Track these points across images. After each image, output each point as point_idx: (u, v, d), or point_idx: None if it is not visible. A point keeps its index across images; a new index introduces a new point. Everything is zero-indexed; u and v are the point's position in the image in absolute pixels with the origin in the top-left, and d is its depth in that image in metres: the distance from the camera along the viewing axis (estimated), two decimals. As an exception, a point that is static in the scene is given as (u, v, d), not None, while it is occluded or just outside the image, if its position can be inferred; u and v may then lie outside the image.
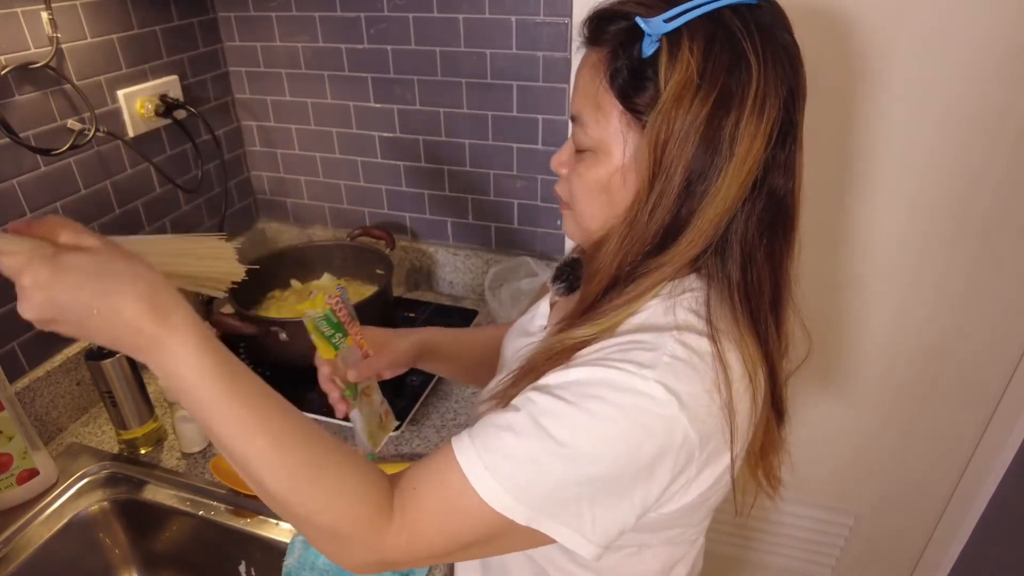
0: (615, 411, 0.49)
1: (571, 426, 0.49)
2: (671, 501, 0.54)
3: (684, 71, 0.48)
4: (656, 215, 0.52)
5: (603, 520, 0.50)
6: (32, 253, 0.44)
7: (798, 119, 0.52)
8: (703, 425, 0.50)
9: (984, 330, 1.14)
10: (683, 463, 0.51)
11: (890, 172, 1.06)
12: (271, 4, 1.19)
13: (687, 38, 0.49)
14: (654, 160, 0.51)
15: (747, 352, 0.53)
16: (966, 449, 1.27)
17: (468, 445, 0.51)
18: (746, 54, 0.49)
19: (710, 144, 0.50)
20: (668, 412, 0.48)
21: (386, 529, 0.51)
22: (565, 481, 0.49)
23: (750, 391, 0.54)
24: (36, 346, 0.97)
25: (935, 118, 1.00)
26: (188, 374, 0.48)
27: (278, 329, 1.02)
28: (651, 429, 0.49)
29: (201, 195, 1.25)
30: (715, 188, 0.50)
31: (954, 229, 1.07)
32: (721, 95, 0.49)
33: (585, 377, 0.51)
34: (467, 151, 1.21)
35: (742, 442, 0.55)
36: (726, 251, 0.54)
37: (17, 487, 0.86)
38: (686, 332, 0.52)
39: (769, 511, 1.47)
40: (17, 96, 0.89)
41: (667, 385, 0.49)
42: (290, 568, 0.76)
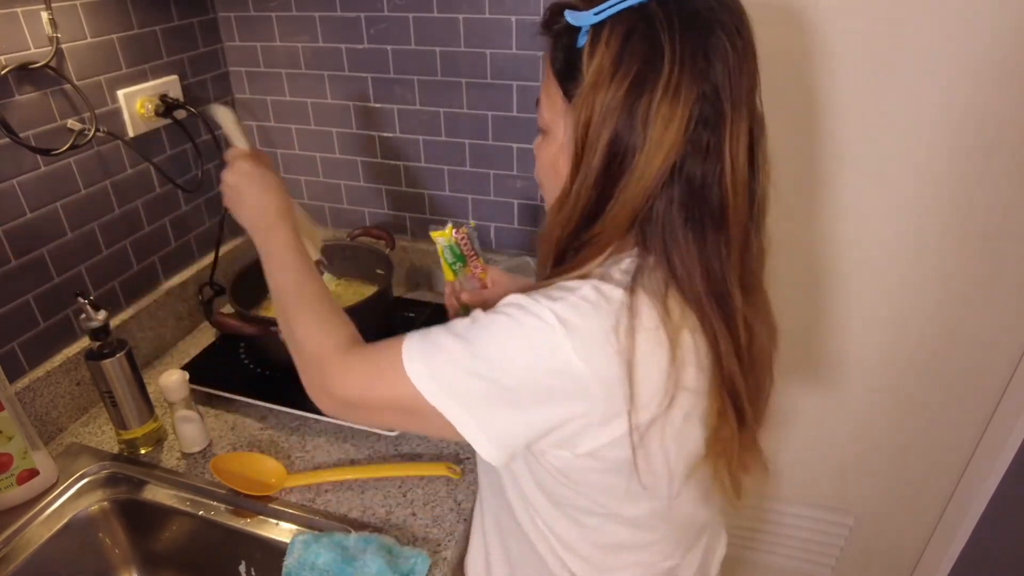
0: (512, 324, 0.56)
1: (481, 330, 0.57)
2: (580, 441, 0.58)
3: (601, 58, 0.53)
4: (583, 192, 0.57)
5: (497, 421, 0.57)
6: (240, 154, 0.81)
7: (725, 109, 0.53)
8: (596, 362, 0.54)
9: (984, 330, 1.14)
10: (580, 398, 0.55)
11: (890, 173, 1.06)
12: (271, 4, 1.19)
13: (609, 29, 0.53)
14: (578, 140, 0.56)
15: (667, 311, 0.56)
16: (966, 449, 1.27)
17: (417, 333, 0.61)
18: (661, 44, 0.52)
19: (625, 127, 0.53)
20: (553, 336, 0.54)
21: (335, 361, 0.65)
22: (467, 374, 0.56)
23: (665, 348, 0.55)
24: (36, 346, 0.97)
25: (935, 118, 1.00)
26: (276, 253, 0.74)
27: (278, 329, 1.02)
28: (537, 347, 0.54)
29: (201, 195, 1.25)
30: (631, 168, 0.54)
31: (954, 229, 1.07)
32: (635, 81, 0.52)
33: (509, 299, 0.58)
34: (467, 151, 1.21)
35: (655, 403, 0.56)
36: (651, 228, 0.57)
37: (17, 487, 0.86)
38: (605, 282, 0.56)
39: (769, 511, 1.47)
40: (17, 96, 0.89)
41: (558, 313, 0.54)
42: (290, 568, 0.76)
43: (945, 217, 1.06)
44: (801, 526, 1.47)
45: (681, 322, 0.56)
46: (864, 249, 1.13)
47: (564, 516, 0.68)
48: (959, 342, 1.16)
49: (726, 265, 0.57)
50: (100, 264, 1.06)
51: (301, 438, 0.99)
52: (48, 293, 0.97)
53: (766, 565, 1.56)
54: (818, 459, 1.37)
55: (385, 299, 1.15)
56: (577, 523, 0.68)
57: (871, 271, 1.15)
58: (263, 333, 1.03)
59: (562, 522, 0.69)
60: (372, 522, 0.85)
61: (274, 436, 1.00)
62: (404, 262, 1.34)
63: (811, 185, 1.10)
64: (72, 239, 1.00)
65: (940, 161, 1.02)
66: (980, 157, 1.00)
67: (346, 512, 0.87)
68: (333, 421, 1.00)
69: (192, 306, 1.24)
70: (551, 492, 0.66)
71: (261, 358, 1.12)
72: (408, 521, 0.85)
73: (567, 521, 0.68)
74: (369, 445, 0.98)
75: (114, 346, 0.90)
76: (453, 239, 0.86)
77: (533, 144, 0.66)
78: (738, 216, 0.56)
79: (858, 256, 1.14)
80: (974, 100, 0.97)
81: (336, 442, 0.98)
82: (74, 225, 1.00)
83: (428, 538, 0.83)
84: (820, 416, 1.32)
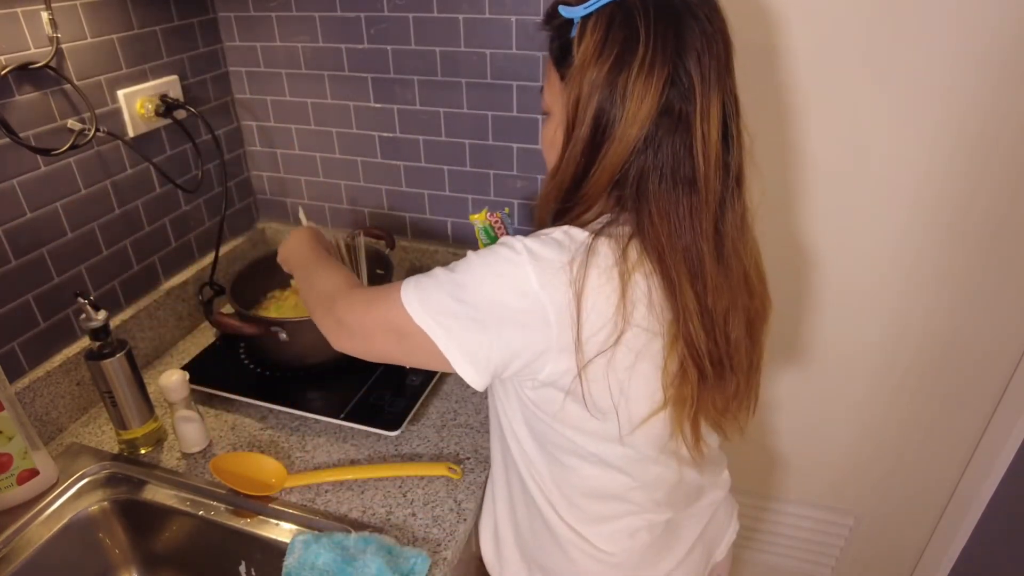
0: (490, 255, 0.65)
1: (466, 263, 0.66)
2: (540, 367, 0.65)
3: (587, 44, 0.62)
4: (572, 159, 0.65)
5: (472, 341, 0.64)
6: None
7: (695, 86, 0.61)
8: (551, 290, 0.61)
9: (984, 330, 1.14)
10: (539, 324, 0.62)
11: (891, 172, 1.06)
12: (271, 4, 1.19)
13: (594, 19, 0.62)
14: (569, 115, 0.65)
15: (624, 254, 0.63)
16: (966, 449, 1.27)
17: (412, 276, 0.69)
18: (638, 29, 0.60)
19: (607, 101, 0.62)
20: (518, 260, 0.62)
21: (344, 294, 0.74)
22: (450, 298, 0.64)
23: (615, 287, 0.62)
24: (36, 346, 0.97)
25: (935, 117, 1.00)
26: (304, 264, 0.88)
27: (278, 329, 1.02)
28: (504, 272, 0.63)
29: (201, 195, 1.25)
30: (612, 137, 0.62)
31: (955, 229, 1.07)
32: (615, 61, 0.61)
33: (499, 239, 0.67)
34: (467, 151, 1.21)
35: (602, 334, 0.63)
36: (626, 190, 0.65)
37: (17, 487, 0.86)
38: (574, 227, 0.65)
39: (770, 511, 1.47)
40: (17, 96, 0.89)
41: (527, 245, 0.63)
42: (290, 568, 0.76)
43: (945, 217, 1.06)
44: (801, 526, 1.47)
45: (636, 266, 0.63)
46: (864, 249, 1.13)
47: (548, 457, 0.75)
48: (959, 342, 1.16)
49: (697, 228, 0.63)
50: (100, 264, 1.06)
51: (301, 438, 0.99)
52: (48, 293, 0.97)
53: (766, 565, 1.56)
54: (818, 459, 1.37)
55: (385, 299, 1.15)
56: (560, 464, 0.75)
57: (871, 271, 1.15)
58: (263, 333, 1.03)
59: (547, 464, 0.75)
60: (372, 522, 0.85)
61: (274, 436, 1.00)
62: (404, 262, 1.34)
63: (810, 185, 1.10)
64: (72, 239, 1.00)
65: (940, 160, 1.02)
66: (980, 156, 1.00)
67: (346, 512, 0.87)
68: (333, 421, 1.00)
69: (192, 306, 1.24)
70: (534, 429, 0.74)
71: (261, 358, 1.12)
72: (408, 521, 0.85)
73: (551, 462, 0.75)
74: (369, 445, 0.98)
75: (114, 346, 0.90)
76: (487, 221, 0.92)
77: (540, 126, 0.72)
78: (709, 184, 0.63)
79: (858, 256, 1.14)
80: (974, 99, 0.97)
81: (336, 442, 0.98)
82: (74, 225, 1.00)
83: (428, 538, 0.83)
84: (820, 416, 1.32)
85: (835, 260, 1.16)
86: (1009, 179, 1.01)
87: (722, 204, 0.64)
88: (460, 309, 0.64)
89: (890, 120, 1.02)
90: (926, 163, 1.03)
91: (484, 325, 0.63)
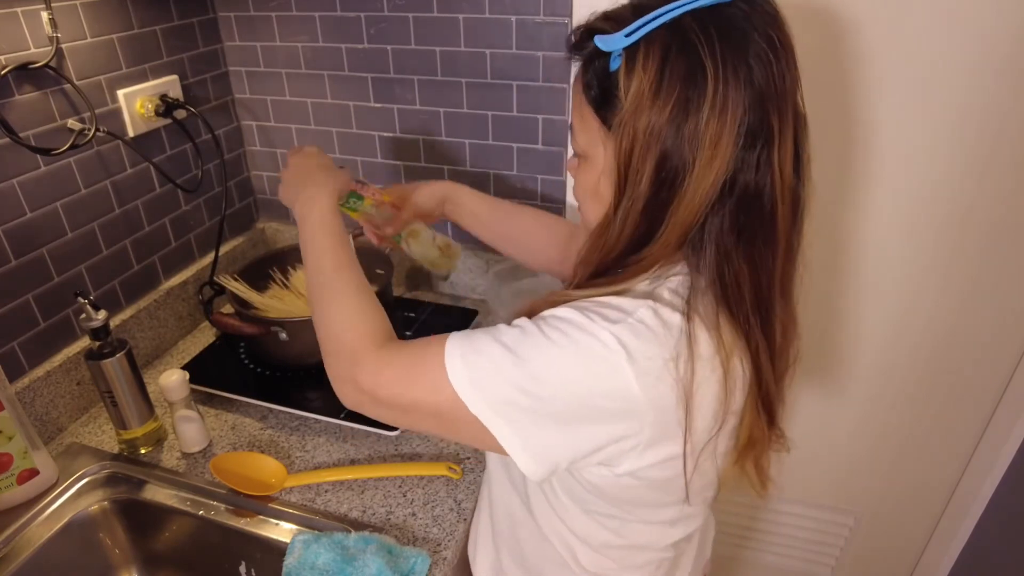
0: (568, 343, 0.54)
1: (532, 345, 0.55)
2: (622, 461, 0.57)
3: (640, 83, 0.51)
4: (630, 219, 0.55)
5: (542, 438, 0.56)
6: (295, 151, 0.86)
7: (772, 116, 0.52)
8: (654, 391, 0.53)
9: (984, 330, 1.14)
10: (631, 421, 0.54)
11: (891, 172, 1.06)
12: (271, 4, 1.19)
13: (643, 51, 0.51)
14: (621, 168, 0.54)
15: (720, 338, 0.55)
16: (966, 449, 1.27)
17: (459, 335, 0.59)
18: (702, 60, 0.50)
19: (673, 150, 0.52)
20: (614, 360, 0.52)
21: (370, 354, 0.62)
22: (515, 388, 0.55)
23: (718, 375, 0.55)
24: (36, 346, 0.97)
25: (936, 117, 1.00)
26: (314, 219, 0.75)
27: (278, 329, 1.02)
28: (595, 370, 0.53)
29: (201, 195, 1.25)
30: (682, 192, 0.53)
31: (955, 229, 1.07)
32: (678, 102, 0.51)
33: (561, 313, 0.56)
34: (467, 151, 1.21)
35: (707, 429, 0.57)
36: (703, 249, 0.56)
37: (17, 487, 0.86)
38: (661, 305, 0.55)
39: (769, 511, 1.47)
40: (17, 96, 0.89)
41: (620, 338, 0.53)
42: (290, 568, 0.76)
43: (945, 217, 1.06)
44: (801, 526, 1.47)
45: (732, 348, 0.56)
46: (864, 249, 1.13)
47: (590, 520, 0.68)
48: (959, 342, 1.16)
49: (772, 277, 0.56)
50: (100, 264, 1.06)
51: (301, 438, 0.99)
52: (48, 293, 0.97)
53: (766, 565, 1.56)
54: (818, 459, 1.37)
55: (385, 299, 1.15)
56: (603, 526, 0.67)
57: (871, 271, 1.15)
58: (263, 333, 1.03)
59: (586, 524, 0.68)
60: (372, 522, 0.85)
61: (274, 436, 1.00)
62: (404, 262, 1.34)
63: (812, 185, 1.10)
64: (72, 239, 1.00)
65: (940, 160, 1.02)
66: (980, 156, 1.00)
67: (346, 512, 0.87)
68: (333, 421, 1.00)
69: (192, 306, 1.24)
70: (580, 500, 0.66)
71: (261, 358, 1.12)
72: (408, 521, 0.85)
73: (591, 523, 0.68)
74: (369, 445, 0.98)
75: (114, 346, 0.90)
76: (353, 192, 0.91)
77: (568, 165, 0.65)
78: (785, 224, 0.55)
79: (858, 256, 1.14)
80: (974, 99, 0.97)
81: (336, 442, 0.98)
82: (74, 225, 1.00)
83: (428, 538, 0.83)
84: (820, 416, 1.32)
85: (835, 260, 1.15)
86: (1010, 179, 1.01)
87: (790, 246, 0.57)
88: (531, 403, 0.55)
89: (890, 121, 1.02)
90: (926, 164, 1.03)
91: (563, 423, 0.55)
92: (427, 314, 1.25)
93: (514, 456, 0.56)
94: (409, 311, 1.26)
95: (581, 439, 0.56)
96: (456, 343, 0.58)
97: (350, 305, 0.67)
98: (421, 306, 1.28)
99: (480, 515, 0.84)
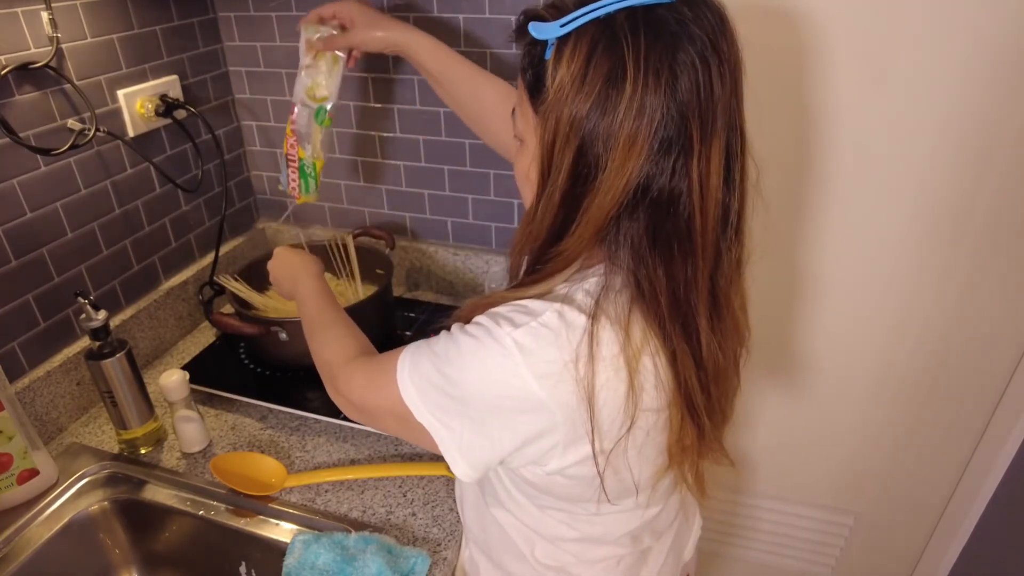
0: (476, 347, 0.57)
1: (454, 352, 0.59)
2: (548, 460, 0.59)
3: (564, 74, 0.51)
4: (548, 210, 0.57)
5: (469, 440, 0.59)
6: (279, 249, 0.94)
7: (692, 127, 0.51)
8: (556, 392, 0.55)
9: (984, 330, 1.14)
10: (542, 421, 0.56)
11: (891, 172, 1.06)
12: (271, 4, 1.19)
13: (573, 43, 0.51)
14: (544, 157, 0.55)
15: (629, 340, 0.55)
16: (966, 449, 1.27)
17: (413, 346, 0.63)
18: (625, 60, 0.49)
19: (589, 145, 0.52)
20: (510, 363, 0.55)
21: (344, 368, 0.70)
22: (443, 394, 0.59)
23: (623, 376, 0.55)
24: (36, 346, 0.97)
25: (936, 118, 1.00)
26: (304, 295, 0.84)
27: (278, 329, 1.02)
28: (496, 374, 0.56)
29: (201, 195, 1.25)
30: (595, 188, 0.53)
31: (955, 229, 1.07)
32: (598, 98, 0.50)
33: (478, 319, 0.59)
34: (467, 151, 1.21)
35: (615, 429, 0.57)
36: (618, 249, 0.56)
37: (17, 487, 0.86)
38: (567, 306, 0.56)
39: (769, 511, 1.47)
40: (17, 96, 0.89)
41: (517, 340, 0.55)
42: (290, 568, 0.76)
43: (944, 217, 1.06)
44: (801, 526, 1.47)
45: (642, 346, 0.56)
46: (863, 249, 1.13)
47: (543, 513, 0.71)
48: (959, 342, 1.16)
49: (691, 286, 0.55)
50: (100, 264, 1.06)
51: (301, 438, 0.99)
52: (48, 293, 0.97)
53: (766, 564, 1.56)
54: (818, 459, 1.37)
55: (385, 299, 1.15)
56: (554, 519, 0.70)
57: (870, 271, 1.15)
58: (263, 333, 1.03)
59: (539, 517, 0.71)
60: (372, 522, 0.85)
61: (274, 436, 1.00)
62: (404, 262, 1.34)
63: (808, 185, 1.10)
64: (72, 239, 1.00)
65: (939, 161, 1.02)
66: (979, 157, 1.00)
67: (346, 512, 0.87)
68: (333, 421, 1.00)
69: (192, 306, 1.24)
70: (529, 495, 0.70)
71: (261, 358, 1.12)
72: (408, 521, 0.85)
73: (543, 516, 0.71)
74: (369, 445, 0.98)
75: (114, 346, 0.90)
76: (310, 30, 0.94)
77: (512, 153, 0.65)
78: (707, 236, 0.54)
79: (857, 256, 1.14)
80: (974, 99, 0.97)
81: (336, 442, 0.98)
82: (74, 225, 1.00)
83: (428, 538, 0.83)
84: (820, 416, 1.32)
85: (834, 260, 1.15)
86: (1010, 180, 1.01)
87: (718, 255, 0.57)
88: (452, 405, 0.58)
89: (890, 121, 1.02)
90: (926, 164, 1.03)
91: (480, 423, 0.58)
92: (427, 314, 1.25)
93: (449, 459, 0.60)
94: (409, 311, 1.26)
95: (501, 439, 0.58)
96: (407, 354, 0.62)
97: (331, 334, 0.76)
98: (421, 306, 1.28)
99: (459, 509, 0.86)
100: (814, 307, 1.21)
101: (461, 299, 1.33)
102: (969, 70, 0.95)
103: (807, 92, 1.03)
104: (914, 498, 1.35)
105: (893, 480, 1.35)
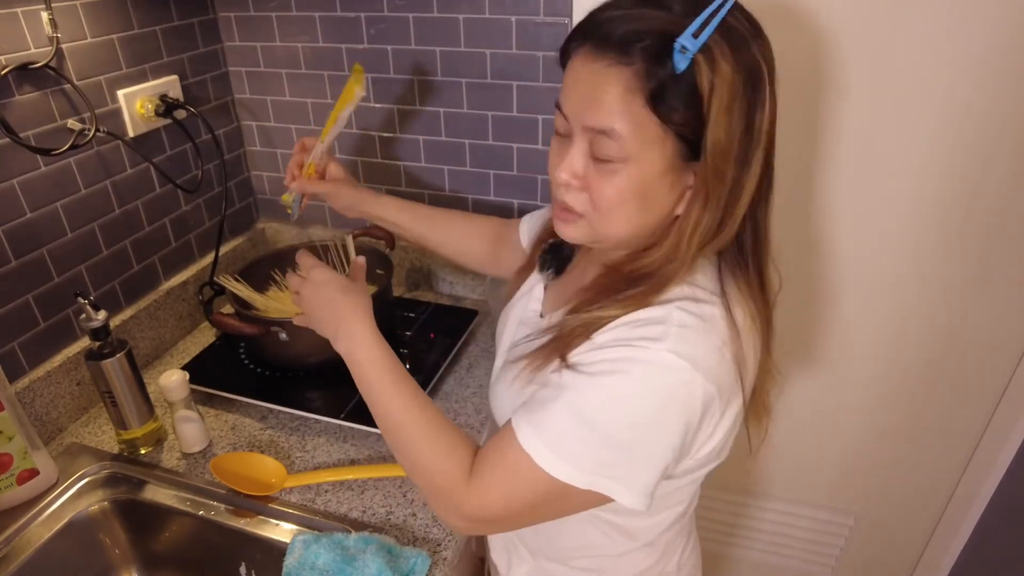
0: (638, 384, 0.56)
1: (605, 402, 0.57)
2: (704, 446, 0.62)
3: (725, 81, 0.52)
4: (714, 213, 0.57)
5: (644, 476, 0.58)
6: (302, 281, 0.74)
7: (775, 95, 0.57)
8: (718, 378, 0.57)
9: (984, 330, 1.14)
10: (708, 414, 0.58)
11: (891, 172, 1.06)
12: (271, 4, 1.19)
13: (715, 49, 0.52)
14: (709, 166, 0.55)
15: (749, 307, 0.61)
16: (966, 449, 1.27)
17: (524, 424, 0.60)
18: (754, 52, 0.54)
19: (749, 140, 0.55)
20: (684, 376, 0.55)
21: (466, 490, 0.62)
22: (609, 447, 0.57)
23: (753, 336, 0.62)
24: (36, 346, 0.97)
25: (936, 118, 1.00)
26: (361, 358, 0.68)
27: (278, 329, 1.02)
28: (672, 394, 0.56)
29: (201, 195, 1.25)
30: (751, 175, 0.57)
31: (955, 229, 1.07)
32: (754, 95, 0.54)
33: (611, 356, 0.58)
34: (467, 151, 1.21)
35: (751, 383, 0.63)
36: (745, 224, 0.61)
37: (17, 487, 0.86)
38: (687, 301, 0.59)
39: (770, 511, 1.47)
40: (17, 96, 0.89)
41: (678, 352, 0.55)
42: (290, 568, 0.76)
43: (945, 216, 1.06)
44: (801, 526, 1.47)
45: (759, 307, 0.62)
46: (863, 248, 1.13)
47: None
48: (959, 342, 1.16)
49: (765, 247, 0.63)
50: (100, 264, 1.06)
51: (301, 438, 0.99)
52: (48, 293, 0.97)
53: (766, 564, 1.56)
54: (818, 459, 1.37)
55: (385, 299, 1.15)
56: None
57: (871, 271, 1.14)
58: (263, 333, 1.03)
59: None
60: (372, 522, 0.85)
61: (274, 436, 1.00)
62: (404, 262, 1.34)
63: (809, 184, 1.10)
64: (72, 239, 1.00)
65: (940, 160, 1.02)
66: (980, 156, 1.00)
67: (346, 512, 0.87)
68: (333, 421, 1.00)
69: (192, 306, 1.24)
70: None
71: (261, 358, 1.13)
72: (408, 521, 0.85)
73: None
74: (369, 445, 0.98)
75: (114, 346, 0.90)
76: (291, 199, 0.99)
77: (567, 173, 0.60)
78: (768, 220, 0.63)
79: (857, 255, 1.14)
80: (974, 99, 0.97)
81: (336, 442, 0.98)
82: (74, 225, 1.00)
83: (428, 538, 0.83)
84: (820, 416, 1.32)
85: (834, 260, 1.15)
86: (1010, 179, 1.01)
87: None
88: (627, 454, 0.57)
89: (890, 120, 1.02)
90: (926, 163, 1.03)
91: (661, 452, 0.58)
92: (427, 314, 1.25)
93: (622, 501, 0.58)
94: (409, 311, 1.26)
95: (672, 455, 0.58)
96: (530, 434, 0.59)
97: (429, 446, 0.65)
98: (421, 306, 1.28)
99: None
100: (814, 308, 1.21)
101: (461, 299, 1.33)
102: (969, 71, 0.95)
103: (806, 92, 1.03)
104: (914, 498, 1.35)
105: (893, 480, 1.35)
